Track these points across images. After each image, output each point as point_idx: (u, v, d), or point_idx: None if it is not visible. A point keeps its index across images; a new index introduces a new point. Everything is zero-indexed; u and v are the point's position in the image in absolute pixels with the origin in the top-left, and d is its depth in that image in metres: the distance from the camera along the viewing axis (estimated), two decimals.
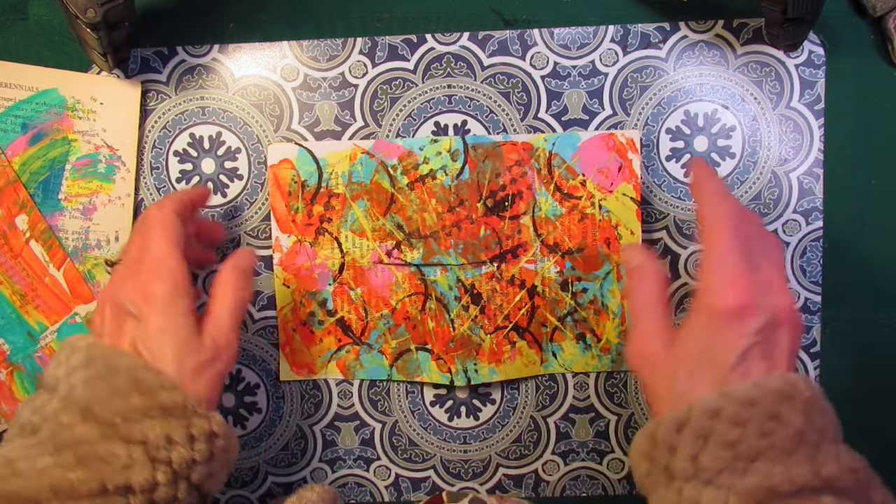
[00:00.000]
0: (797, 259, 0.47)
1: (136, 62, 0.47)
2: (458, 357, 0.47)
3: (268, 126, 0.47)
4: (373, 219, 0.47)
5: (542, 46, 0.47)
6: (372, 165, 0.47)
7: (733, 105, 0.47)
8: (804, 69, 0.46)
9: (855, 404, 0.48)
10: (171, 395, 0.35)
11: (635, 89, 0.47)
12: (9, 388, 0.48)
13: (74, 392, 0.35)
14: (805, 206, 0.47)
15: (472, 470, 0.49)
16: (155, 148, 0.48)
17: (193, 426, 0.36)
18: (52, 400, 0.36)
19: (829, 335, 0.48)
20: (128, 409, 0.35)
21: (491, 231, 0.47)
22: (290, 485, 0.49)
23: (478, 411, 0.49)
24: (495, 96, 0.47)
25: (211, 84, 0.47)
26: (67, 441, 0.34)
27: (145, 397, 0.35)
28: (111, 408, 0.35)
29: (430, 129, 0.47)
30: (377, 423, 0.49)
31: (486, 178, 0.47)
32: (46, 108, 0.47)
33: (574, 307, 0.47)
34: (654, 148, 0.47)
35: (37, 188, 0.47)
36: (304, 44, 0.47)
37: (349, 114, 0.47)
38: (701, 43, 0.47)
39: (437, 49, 0.47)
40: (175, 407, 0.35)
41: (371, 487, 0.49)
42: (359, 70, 0.47)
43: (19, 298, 0.48)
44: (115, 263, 0.41)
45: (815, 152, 0.47)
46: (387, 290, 0.47)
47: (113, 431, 0.34)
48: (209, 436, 0.36)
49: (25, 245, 0.47)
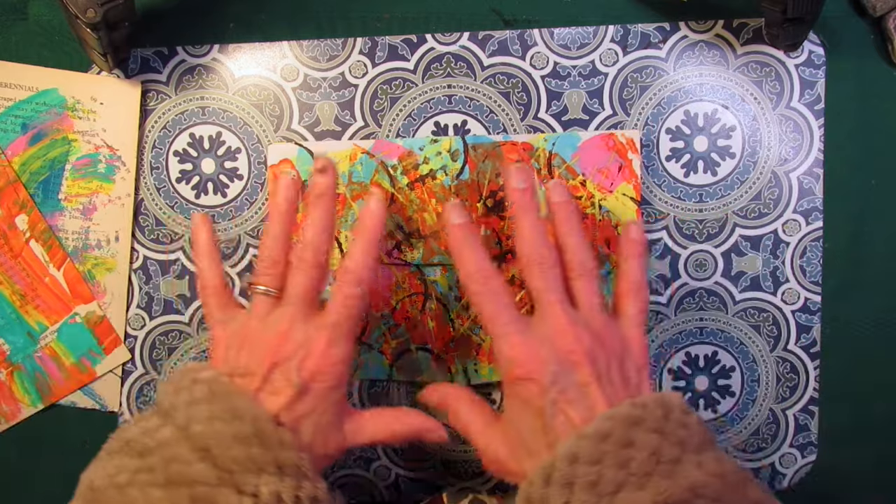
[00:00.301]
0: (797, 259, 0.47)
1: (136, 62, 0.47)
2: (458, 357, 0.47)
3: (268, 126, 0.47)
4: None
5: (542, 46, 0.47)
6: (372, 165, 0.47)
7: (733, 105, 0.47)
8: (804, 69, 0.46)
9: (855, 404, 0.48)
10: (289, 454, 0.35)
11: (635, 89, 0.47)
12: (9, 388, 0.48)
13: (194, 426, 0.35)
14: (805, 206, 0.47)
15: (472, 470, 0.49)
16: (155, 148, 0.48)
17: (302, 489, 0.35)
18: (167, 426, 0.36)
19: (829, 335, 0.48)
20: (246, 459, 0.34)
21: (491, 231, 0.47)
22: None
23: None
24: (495, 96, 0.47)
25: (211, 84, 0.47)
26: (183, 478, 0.34)
27: (265, 450, 0.35)
28: (231, 453, 0.34)
29: (430, 129, 0.47)
30: None
31: (486, 178, 0.47)
32: (46, 108, 0.47)
33: None
34: (654, 148, 0.47)
35: (37, 188, 0.47)
36: (304, 44, 0.47)
37: (349, 114, 0.47)
38: (701, 43, 0.47)
39: (437, 49, 0.47)
40: (290, 466, 0.35)
41: (371, 487, 0.49)
42: (359, 70, 0.47)
43: (19, 298, 0.48)
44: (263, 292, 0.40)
45: (815, 152, 0.47)
46: (387, 290, 0.47)
47: (228, 478, 0.34)
48: (313, 500, 0.35)
49: (25, 245, 0.47)
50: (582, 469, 0.33)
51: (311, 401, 0.37)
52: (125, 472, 0.34)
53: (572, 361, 0.36)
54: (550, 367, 0.36)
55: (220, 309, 0.41)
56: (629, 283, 0.40)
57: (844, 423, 0.48)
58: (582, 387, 0.36)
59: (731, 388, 0.48)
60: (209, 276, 0.42)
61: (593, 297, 0.39)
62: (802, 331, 0.48)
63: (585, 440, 0.34)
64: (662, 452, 0.33)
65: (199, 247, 0.42)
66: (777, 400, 0.48)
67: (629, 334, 0.39)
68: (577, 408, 0.35)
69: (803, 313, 0.48)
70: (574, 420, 0.35)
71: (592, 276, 0.39)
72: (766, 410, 0.48)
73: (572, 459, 0.33)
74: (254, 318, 0.39)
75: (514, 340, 0.37)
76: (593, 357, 0.36)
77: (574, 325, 0.37)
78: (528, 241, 0.38)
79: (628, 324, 0.39)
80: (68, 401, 0.49)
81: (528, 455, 0.37)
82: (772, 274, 0.47)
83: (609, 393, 0.36)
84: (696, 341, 0.48)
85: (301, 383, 0.37)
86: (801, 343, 0.48)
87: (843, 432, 0.48)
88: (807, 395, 0.48)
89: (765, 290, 0.47)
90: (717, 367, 0.48)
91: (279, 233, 0.40)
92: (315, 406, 0.37)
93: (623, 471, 0.33)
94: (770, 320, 0.48)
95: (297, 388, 0.37)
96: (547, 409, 0.35)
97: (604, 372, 0.36)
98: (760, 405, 0.48)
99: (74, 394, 0.49)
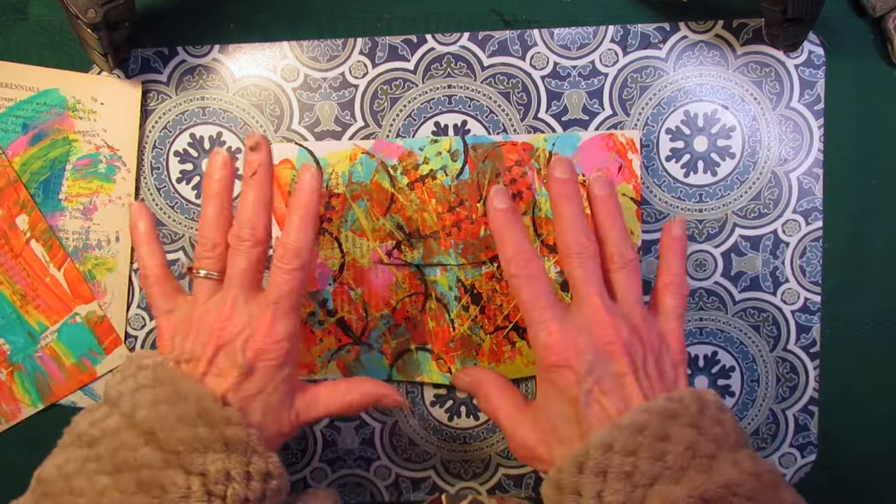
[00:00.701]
0: (797, 259, 0.47)
1: (137, 62, 0.47)
2: (458, 357, 0.47)
3: (268, 126, 0.47)
4: (373, 219, 0.47)
5: (542, 47, 0.47)
6: (372, 165, 0.47)
7: (733, 105, 0.47)
8: (804, 69, 0.46)
9: (855, 404, 0.48)
10: (235, 430, 0.35)
11: (635, 89, 0.47)
12: (9, 388, 0.48)
13: (139, 412, 0.35)
14: (805, 206, 0.47)
15: (472, 470, 0.49)
16: (155, 148, 0.48)
17: (252, 464, 0.35)
18: (113, 415, 0.36)
19: (829, 335, 0.48)
20: (192, 439, 0.34)
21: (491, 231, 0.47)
22: (291, 485, 0.49)
23: (478, 411, 0.49)
24: (495, 96, 0.47)
25: (211, 84, 0.47)
26: (128, 463, 0.34)
27: (211, 429, 0.35)
28: (176, 435, 0.34)
29: (430, 129, 0.47)
30: (377, 423, 0.49)
31: (487, 179, 0.47)
32: (47, 108, 0.47)
33: None
34: (654, 148, 0.47)
35: (37, 188, 0.48)
36: (305, 44, 0.47)
37: (349, 114, 0.47)
38: (701, 43, 0.47)
39: (437, 49, 0.47)
40: (238, 443, 0.35)
41: (371, 487, 0.49)
42: (359, 70, 0.47)
43: (20, 298, 0.48)
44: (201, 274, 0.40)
45: (814, 152, 0.47)
46: (387, 290, 0.47)
47: (175, 459, 0.34)
48: (265, 476, 0.36)
49: (26, 245, 0.47)
50: (617, 458, 0.33)
51: (258, 380, 0.37)
52: (73, 462, 0.35)
53: (610, 352, 0.36)
54: (587, 357, 0.36)
55: (163, 298, 0.41)
56: (670, 276, 0.40)
57: (844, 423, 0.48)
58: (618, 378, 0.36)
59: (730, 388, 0.48)
60: (150, 264, 0.41)
61: (633, 289, 0.39)
62: (802, 331, 0.48)
63: (620, 430, 0.34)
64: (698, 448, 0.34)
65: (138, 235, 0.42)
66: (777, 400, 0.48)
67: (667, 328, 0.39)
68: (612, 399, 0.35)
69: (803, 313, 0.48)
70: (609, 411, 0.35)
71: (633, 269, 0.39)
72: (765, 410, 0.48)
73: (606, 448, 0.33)
74: (198, 305, 0.39)
75: (551, 328, 0.37)
76: (631, 349, 0.36)
77: (612, 317, 0.37)
78: (569, 230, 0.38)
79: (667, 317, 0.39)
80: (68, 401, 0.49)
81: (558, 442, 0.37)
82: (771, 274, 0.47)
83: (645, 386, 0.36)
84: (696, 341, 0.48)
85: (246, 364, 0.37)
86: (800, 343, 0.48)
87: (843, 432, 0.48)
88: (807, 395, 0.48)
89: (764, 290, 0.47)
90: (716, 367, 0.48)
91: (215, 215, 0.40)
92: (263, 385, 0.37)
93: (658, 463, 0.33)
94: (770, 320, 0.48)
95: (242, 369, 0.37)
96: (581, 398, 0.35)
97: (640, 365, 0.36)
98: (760, 405, 0.48)
99: (75, 394, 0.49)
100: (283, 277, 0.38)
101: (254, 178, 0.39)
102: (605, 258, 0.39)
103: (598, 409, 0.35)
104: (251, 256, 0.39)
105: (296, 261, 0.38)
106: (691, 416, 0.34)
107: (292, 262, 0.38)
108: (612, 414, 0.35)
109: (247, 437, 0.35)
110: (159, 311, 0.41)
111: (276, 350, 0.38)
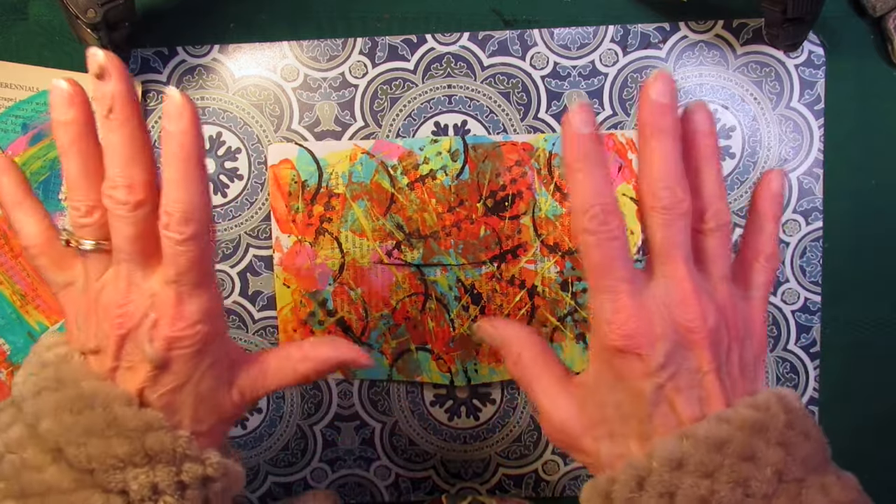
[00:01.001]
0: (797, 259, 0.47)
1: (137, 62, 0.47)
2: (458, 357, 0.47)
3: (268, 126, 0.47)
4: (373, 219, 0.47)
5: (542, 46, 0.47)
6: (372, 165, 0.47)
7: (733, 105, 0.47)
8: (804, 69, 0.46)
9: (855, 404, 0.48)
10: (158, 436, 0.30)
11: (635, 89, 0.47)
12: (9, 388, 0.48)
13: (42, 423, 0.30)
14: (805, 206, 0.47)
15: (472, 470, 0.49)
16: (155, 148, 0.48)
17: (185, 472, 0.30)
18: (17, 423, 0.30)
19: (829, 335, 0.48)
20: (105, 455, 0.29)
21: (491, 231, 0.47)
22: (290, 485, 0.49)
23: (478, 411, 0.49)
24: (495, 96, 0.47)
25: (211, 84, 0.47)
26: (34, 487, 0.29)
27: (127, 442, 0.29)
28: (86, 451, 0.29)
29: (430, 129, 0.47)
30: (377, 423, 0.49)
31: (486, 178, 0.47)
32: (47, 108, 0.47)
33: (574, 307, 0.47)
34: None
35: (37, 188, 0.47)
36: (304, 44, 0.47)
37: (349, 114, 0.47)
38: (701, 43, 0.47)
39: (437, 49, 0.47)
40: (163, 451, 0.30)
41: (371, 487, 0.49)
42: (359, 70, 0.47)
43: (19, 298, 0.48)
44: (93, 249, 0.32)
45: (814, 152, 0.47)
46: (387, 290, 0.47)
47: (89, 479, 0.29)
48: (203, 481, 0.31)
49: None
50: (689, 479, 0.28)
51: (178, 371, 0.31)
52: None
53: (691, 341, 0.29)
54: (664, 346, 0.29)
55: (56, 269, 0.33)
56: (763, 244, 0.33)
57: (844, 423, 0.48)
58: (696, 374, 0.29)
59: None
60: (30, 230, 0.33)
61: (724, 260, 0.31)
62: (802, 331, 0.48)
63: (696, 445, 0.28)
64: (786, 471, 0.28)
65: (4, 196, 0.33)
66: None
67: (753, 313, 0.32)
68: (686, 399, 0.29)
69: (803, 313, 0.48)
70: (681, 414, 0.29)
71: (727, 234, 0.31)
72: None
73: (676, 465, 0.28)
74: (91, 281, 0.32)
75: (623, 301, 0.29)
76: (716, 339, 0.29)
77: (699, 296, 0.29)
78: (661, 173, 0.29)
79: (754, 297, 0.32)
80: None
81: (608, 436, 0.31)
82: None
83: (727, 386, 0.30)
84: None
85: (157, 356, 0.30)
86: (801, 343, 0.48)
87: (843, 432, 0.48)
88: (807, 395, 0.48)
89: None
90: None
91: (79, 171, 0.31)
92: (187, 376, 0.31)
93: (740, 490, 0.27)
94: (770, 320, 0.48)
95: (154, 361, 0.30)
96: (649, 393, 0.29)
97: (724, 359, 0.30)
98: None
99: None
100: (176, 250, 0.30)
101: (113, 118, 0.30)
102: (695, 215, 0.31)
103: (666, 409, 0.29)
104: (136, 220, 0.30)
105: (187, 228, 0.30)
106: (779, 431, 0.29)
107: (183, 230, 0.30)
108: (683, 418, 0.29)
109: (172, 442, 0.30)
110: (56, 286, 0.33)
111: (192, 336, 0.31)
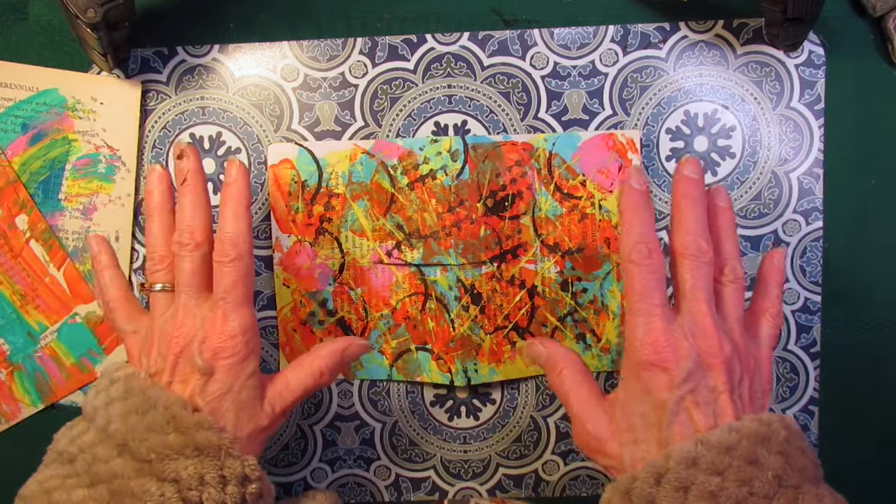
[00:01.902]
0: (797, 259, 0.47)
1: (136, 62, 0.47)
2: (458, 357, 0.47)
3: (268, 126, 0.47)
4: (373, 219, 0.47)
5: (542, 46, 0.47)
6: (372, 165, 0.47)
7: (733, 105, 0.47)
8: (804, 69, 0.46)
9: (855, 404, 0.48)
10: (206, 434, 0.36)
11: (635, 89, 0.47)
12: (9, 388, 0.48)
13: (111, 425, 0.36)
14: (805, 206, 0.47)
15: (472, 470, 0.49)
16: (155, 148, 0.48)
17: (226, 468, 0.36)
18: (90, 430, 0.37)
19: (829, 335, 0.48)
20: (163, 446, 0.35)
21: (491, 231, 0.47)
22: (290, 485, 0.49)
23: (478, 411, 0.49)
24: (495, 96, 0.47)
25: (211, 84, 0.47)
26: (102, 475, 0.35)
27: (181, 435, 0.35)
28: (147, 444, 0.35)
29: (430, 129, 0.47)
30: (377, 423, 0.49)
31: (486, 178, 0.47)
32: (46, 108, 0.47)
33: (574, 307, 0.47)
34: (654, 148, 0.47)
35: (37, 188, 0.47)
36: (304, 44, 0.47)
37: (349, 114, 0.47)
38: (701, 43, 0.47)
39: (437, 49, 0.47)
40: (210, 447, 0.35)
41: (371, 487, 0.49)
42: (359, 70, 0.47)
43: (19, 298, 0.48)
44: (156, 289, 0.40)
45: (815, 152, 0.47)
46: (387, 290, 0.47)
47: (147, 468, 0.35)
48: (241, 479, 0.36)
49: (25, 245, 0.47)
50: (701, 476, 0.32)
51: (222, 380, 0.37)
52: (55, 478, 0.36)
53: (710, 364, 0.35)
54: (687, 364, 0.35)
55: (127, 320, 0.41)
56: (769, 303, 0.40)
57: (844, 423, 0.48)
58: (713, 392, 0.35)
59: None
60: (113, 293, 0.42)
61: (738, 307, 0.38)
62: (802, 331, 0.48)
63: (708, 447, 0.33)
64: (785, 477, 0.33)
65: (99, 264, 0.43)
66: (777, 400, 0.48)
67: (761, 355, 0.39)
68: (703, 412, 0.35)
69: (803, 313, 0.48)
70: (697, 424, 0.34)
71: (741, 287, 0.39)
72: None
73: (690, 463, 0.33)
74: (156, 319, 0.40)
75: (656, 324, 0.36)
76: (731, 366, 0.35)
77: (718, 330, 0.36)
78: (691, 231, 0.37)
79: (762, 345, 0.39)
80: (68, 401, 0.49)
81: (632, 442, 0.36)
82: None
83: (738, 406, 0.35)
84: None
85: (205, 365, 0.37)
86: (801, 343, 0.48)
87: (843, 432, 0.48)
88: (807, 395, 0.48)
89: None
90: None
91: (158, 228, 0.41)
92: (230, 384, 0.38)
93: (745, 488, 0.32)
94: None
95: (202, 371, 0.37)
96: (671, 404, 0.35)
97: (736, 384, 0.36)
98: None
99: (74, 394, 0.49)
100: (223, 270, 0.38)
101: (186, 185, 0.40)
102: (716, 270, 0.38)
103: (685, 419, 0.35)
104: (194, 259, 0.39)
105: (233, 251, 0.38)
106: (780, 443, 0.34)
107: (230, 254, 0.38)
108: (699, 428, 0.34)
109: (218, 440, 0.36)
110: (125, 334, 0.41)
111: (233, 346, 0.38)
